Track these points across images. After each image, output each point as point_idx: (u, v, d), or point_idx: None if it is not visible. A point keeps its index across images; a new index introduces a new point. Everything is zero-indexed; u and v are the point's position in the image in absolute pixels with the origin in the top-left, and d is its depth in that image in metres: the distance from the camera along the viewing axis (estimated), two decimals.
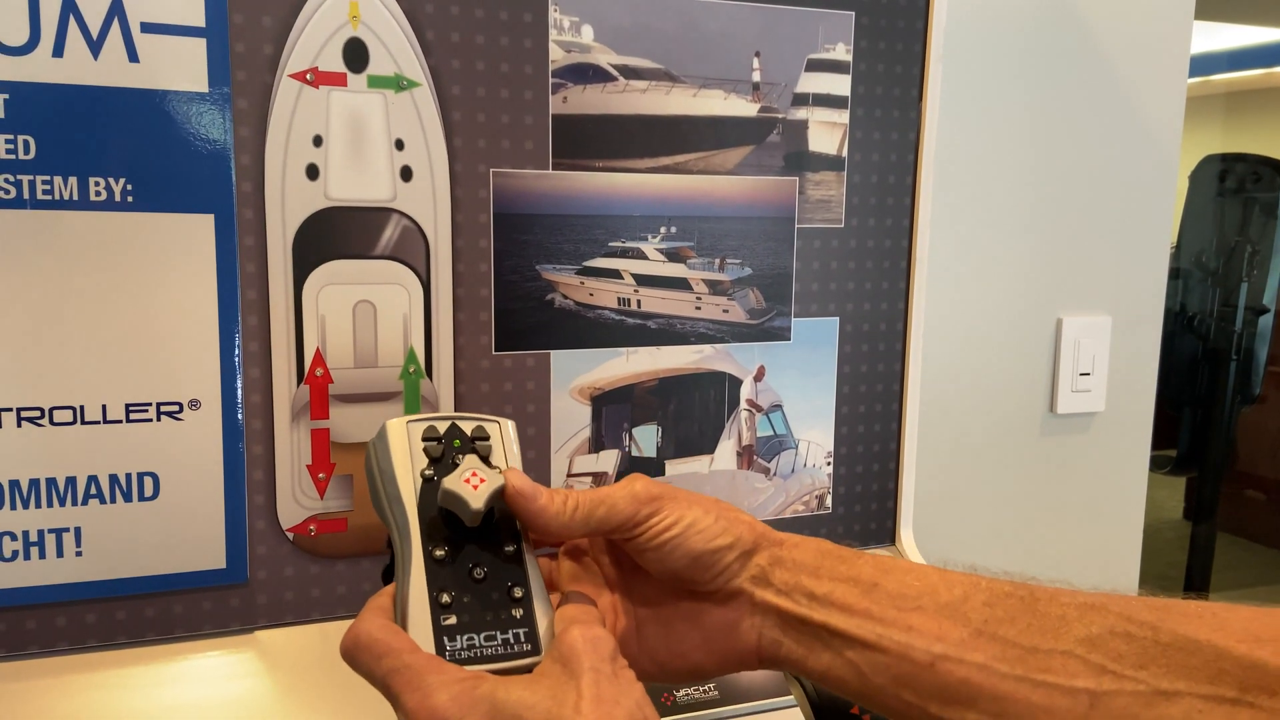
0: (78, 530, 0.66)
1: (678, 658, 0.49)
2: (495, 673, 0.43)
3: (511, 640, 0.45)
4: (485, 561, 0.46)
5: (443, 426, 0.48)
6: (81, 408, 0.65)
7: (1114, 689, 0.39)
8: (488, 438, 0.49)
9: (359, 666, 0.43)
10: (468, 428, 0.49)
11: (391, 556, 0.47)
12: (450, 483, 0.45)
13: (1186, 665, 0.39)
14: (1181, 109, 1.24)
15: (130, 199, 0.64)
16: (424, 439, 0.48)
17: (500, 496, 0.46)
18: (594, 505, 0.47)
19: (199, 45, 0.65)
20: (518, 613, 0.45)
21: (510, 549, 0.47)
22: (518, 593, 0.46)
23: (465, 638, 0.44)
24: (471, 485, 0.45)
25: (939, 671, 0.42)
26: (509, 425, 0.50)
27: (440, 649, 0.43)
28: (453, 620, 0.44)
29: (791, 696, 0.62)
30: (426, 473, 0.47)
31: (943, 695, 0.42)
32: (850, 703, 0.60)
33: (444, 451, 0.48)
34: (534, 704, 0.40)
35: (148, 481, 0.67)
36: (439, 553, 0.45)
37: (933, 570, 0.46)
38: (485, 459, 0.48)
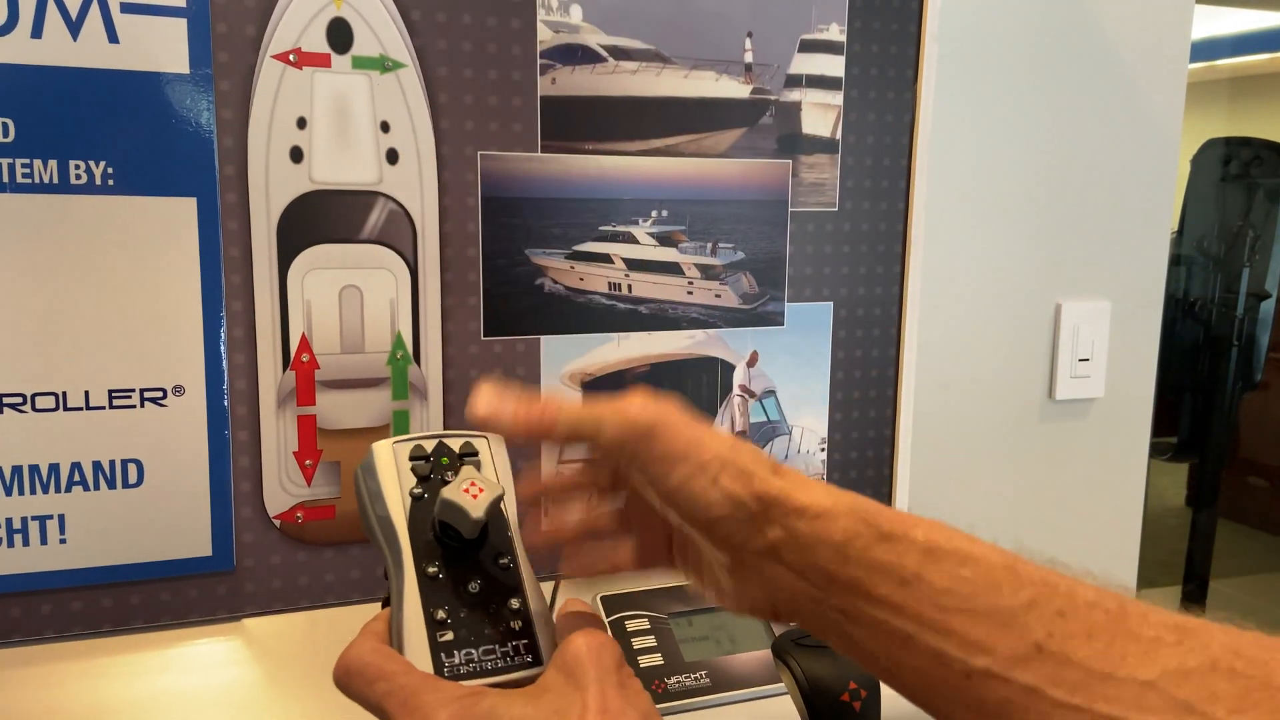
0: (61, 518, 0.65)
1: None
2: (497, 686, 0.42)
3: (511, 652, 0.44)
4: (480, 575, 0.46)
5: (430, 445, 0.48)
6: (64, 394, 0.64)
7: None
8: (476, 454, 0.49)
9: (352, 693, 0.42)
10: (455, 444, 0.49)
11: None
12: (450, 492, 0.45)
13: None
14: (1182, 91, 1.23)
15: (111, 182, 0.63)
16: (411, 458, 0.47)
17: (498, 506, 0.46)
18: (580, 422, 0.44)
19: (180, 26, 0.64)
20: (516, 624, 0.45)
21: (504, 561, 0.47)
22: (515, 604, 0.45)
23: (464, 653, 0.43)
24: (471, 495, 0.44)
25: (976, 685, 0.36)
26: (499, 440, 0.50)
27: (438, 667, 0.43)
28: (450, 636, 0.44)
29: (782, 684, 0.61)
30: (415, 491, 0.47)
31: (978, 710, 0.36)
32: (841, 690, 0.59)
33: (432, 470, 0.47)
34: (537, 718, 0.38)
35: (131, 468, 0.66)
36: (431, 570, 0.45)
37: (999, 564, 0.38)
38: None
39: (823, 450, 0.87)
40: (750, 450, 0.42)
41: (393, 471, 0.47)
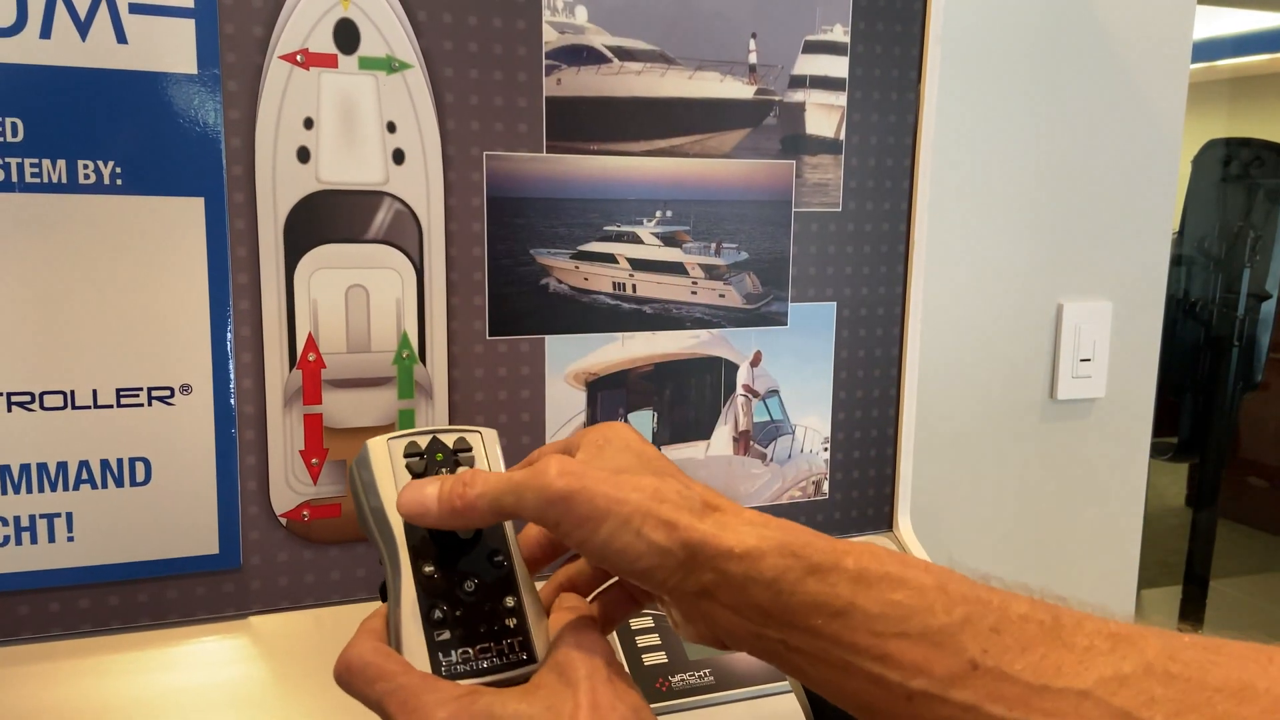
0: (69, 515, 0.65)
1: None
2: (493, 684, 0.43)
3: (506, 650, 0.45)
4: (475, 574, 0.46)
5: (424, 441, 0.48)
6: (72, 393, 0.64)
7: None
8: (470, 449, 0.49)
9: (353, 691, 0.43)
10: (449, 440, 0.49)
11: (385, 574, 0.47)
12: None
13: (1238, 716, 0.32)
14: (1184, 92, 1.23)
15: (120, 182, 0.64)
16: (406, 455, 0.48)
17: None
18: (501, 497, 0.43)
19: (188, 26, 0.64)
20: (511, 622, 0.45)
21: (499, 559, 0.47)
22: (509, 602, 0.46)
23: (460, 652, 0.44)
24: None
25: (916, 707, 0.37)
26: (491, 434, 0.50)
27: (435, 665, 0.43)
28: (446, 635, 0.44)
29: (787, 682, 0.61)
30: None
31: None
32: None
33: (426, 466, 0.48)
34: (531, 715, 0.39)
35: (139, 467, 0.66)
36: (428, 568, 0.45)
37: (931, 585, 0.38)
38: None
39: (825, 450, 0.87)
40: (675, 493, 0.41)
41: (388, 468, 0.47)
